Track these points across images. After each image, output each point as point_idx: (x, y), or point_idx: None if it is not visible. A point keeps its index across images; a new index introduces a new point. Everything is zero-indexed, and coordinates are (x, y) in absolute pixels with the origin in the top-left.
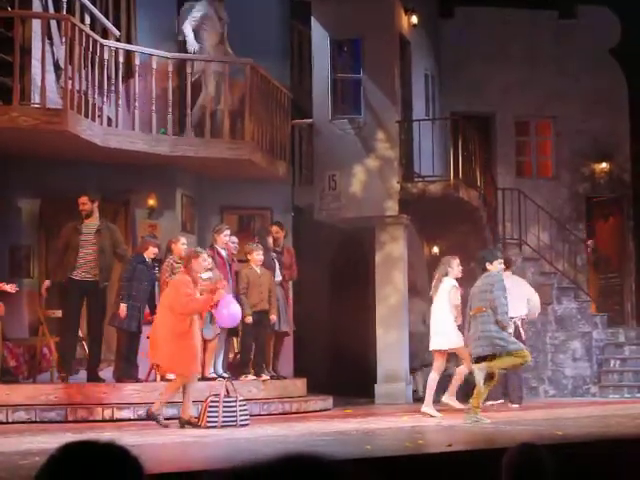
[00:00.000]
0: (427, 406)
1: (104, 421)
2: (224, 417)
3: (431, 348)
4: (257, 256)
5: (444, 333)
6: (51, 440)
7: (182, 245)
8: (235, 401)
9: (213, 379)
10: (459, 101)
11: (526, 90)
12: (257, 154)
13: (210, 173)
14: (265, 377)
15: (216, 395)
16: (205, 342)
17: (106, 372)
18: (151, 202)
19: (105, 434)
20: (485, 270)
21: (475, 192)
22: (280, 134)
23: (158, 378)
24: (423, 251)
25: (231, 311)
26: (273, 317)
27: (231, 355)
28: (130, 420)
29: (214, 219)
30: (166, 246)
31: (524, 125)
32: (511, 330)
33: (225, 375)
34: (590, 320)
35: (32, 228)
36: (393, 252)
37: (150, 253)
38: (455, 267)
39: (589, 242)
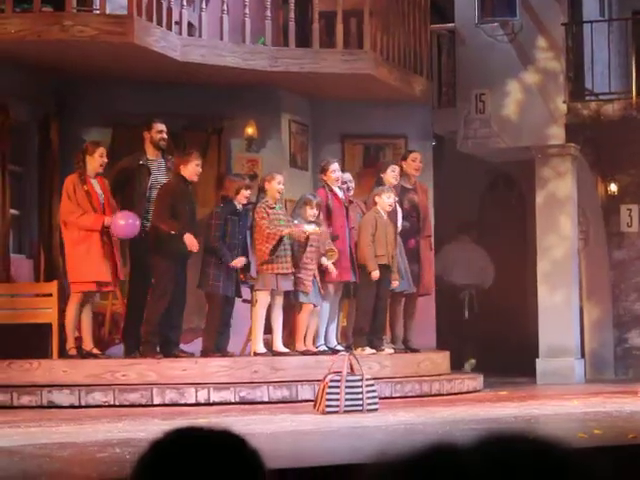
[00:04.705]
0: None
1: (198, 405)
2: (347, 400)
3: None
4: (388, 199)
5: None
6: (134, 428)
7: (278, 185)
8: (361, 380)
9: (327, 353)
10: None
11: None
12: (381, 68)
13: (326, 94)
14: (388, 350)
15: (337, 373)
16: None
17: (193, 345)
18: (250, 131)
19: (200, 421)
20: None
21: None
22: (416, 42)
23: (252, 352)
24: (597, 190)
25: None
26: (395, 283)
27: (344, 322)
28: (230, 404)
29: (333, 151)
30: (258, 186)
31: None
32: None
33: (339, 348)
34: None
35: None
36: (558, 191)
37: (242, 198)
38: None
39: None
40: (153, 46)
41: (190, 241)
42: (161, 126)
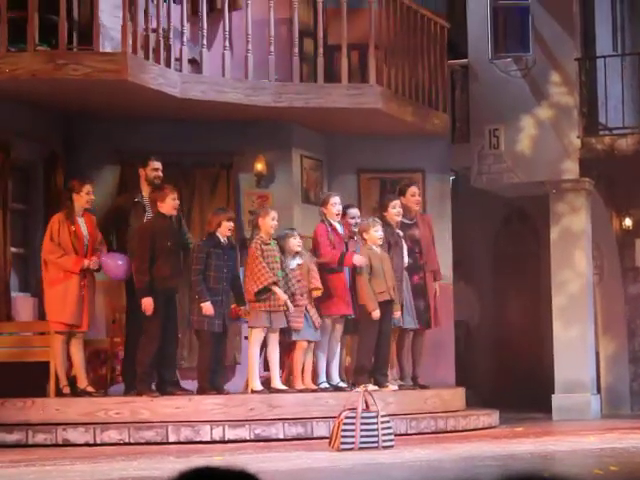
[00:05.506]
0: None
1: (213, 442)
2: (362, 437)
3: None
4: (375, 233)
5: None
6: (149, 466)
7: (272, 221)
8: (376, 417)
9: (329, 390)
10: None
11: None
12: (390, 102)
13: (337, 128)
14: (392, 387)
15: (352, 409)
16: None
17: (193, 384)
18: (259, 166)
19: (215, 459)
20: None
21: None
22: (432, 77)
23: (250, 390)
24: (611, 224)
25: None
26: (397, 313)
27: (348, 359)
28: (245, 441)
29: (349, 185)
30: (252, 222)
31: None
32: None
33: (342, 385)
34: None
35: (110, 201)
36: (573, 226)
37: (225, 230)
38: None
39: None
40: (150, 83)
41: (145, 305)
42: (157, 164)
